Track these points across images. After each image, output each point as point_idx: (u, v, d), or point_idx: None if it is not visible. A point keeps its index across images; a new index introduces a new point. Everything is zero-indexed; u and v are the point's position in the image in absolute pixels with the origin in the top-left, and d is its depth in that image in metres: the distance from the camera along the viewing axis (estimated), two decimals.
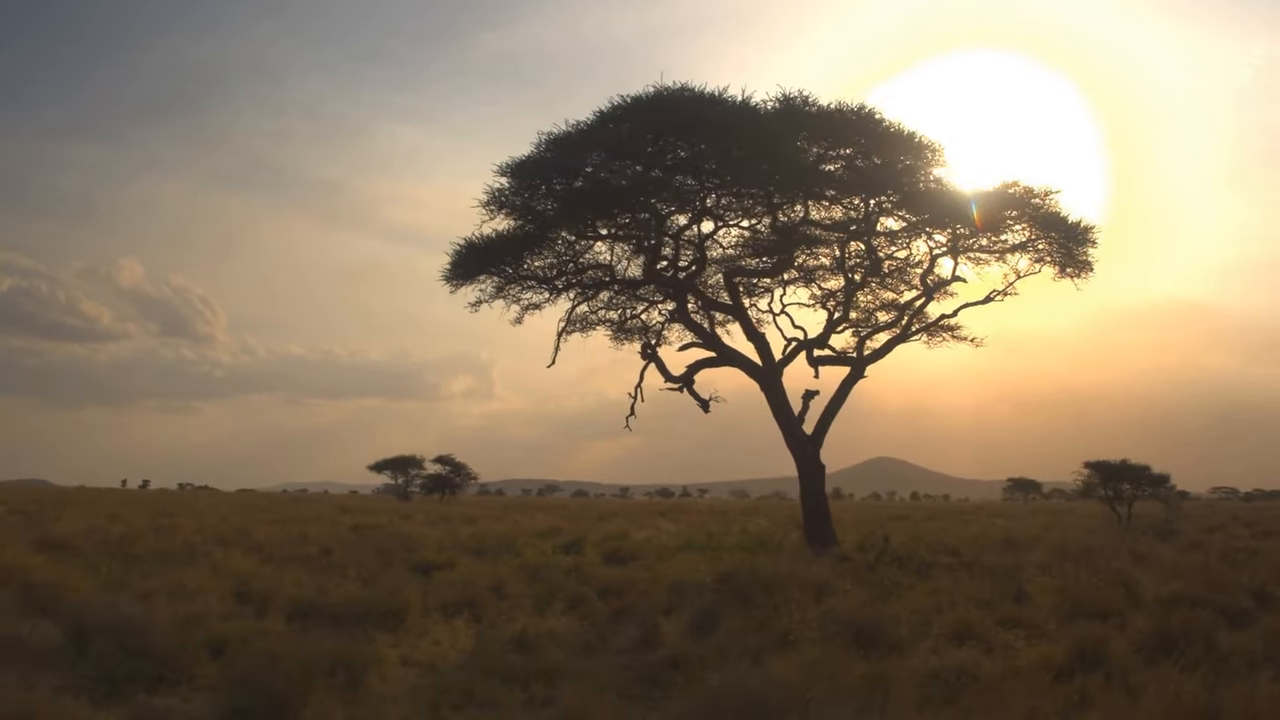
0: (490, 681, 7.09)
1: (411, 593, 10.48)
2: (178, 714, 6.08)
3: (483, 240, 19.66)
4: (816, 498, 18.54)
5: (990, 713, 6.00)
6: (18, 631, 7.19)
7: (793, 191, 17.74)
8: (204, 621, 8.30)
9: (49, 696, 5.81)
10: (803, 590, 11.82)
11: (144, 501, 43.56)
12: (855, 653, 8.22)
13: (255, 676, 6.45)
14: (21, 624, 7.66)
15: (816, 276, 20.38)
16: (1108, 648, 8.30)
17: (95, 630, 7.50)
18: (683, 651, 8.45)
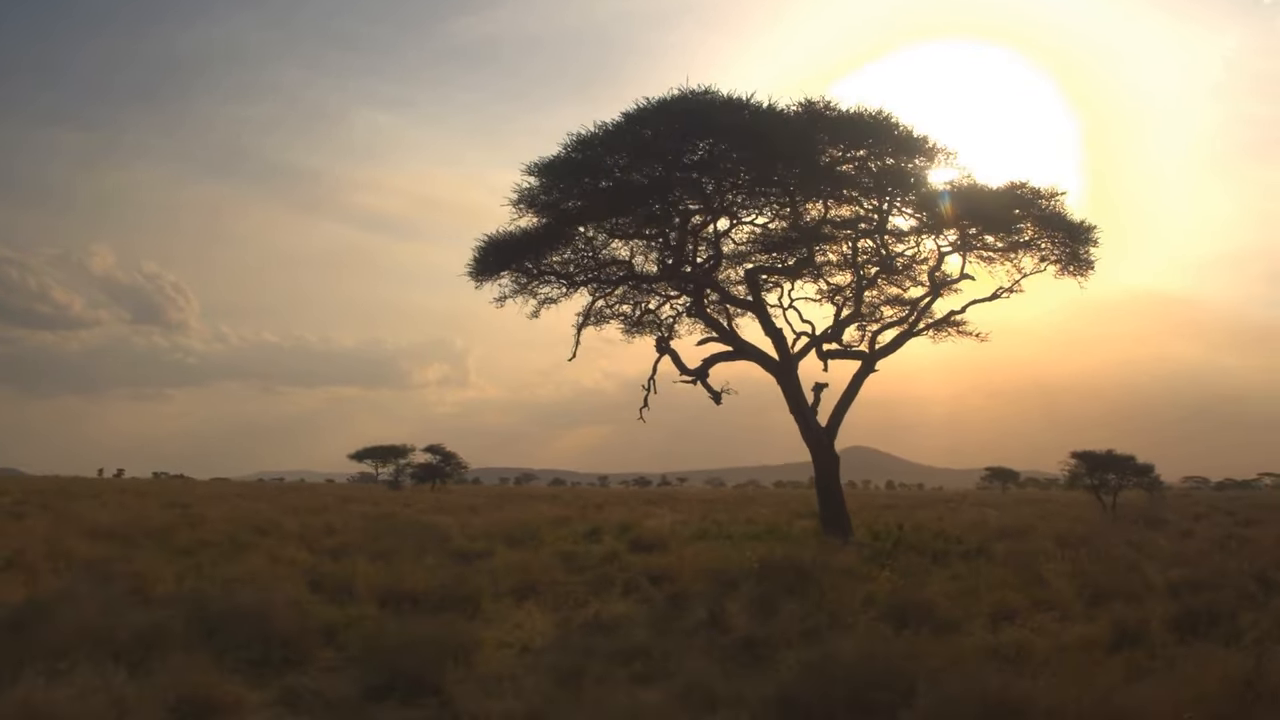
0: (593, 660, 7.69)
1: (480, 580, 11.05)
2: (328, 692, 6.62)
3: (504, 237, 20.21)
4: (831, 487, 19.27)
5: (1068, 682, 6.62)
6: (151, 620, 7.67)
7: (812, 191, 18.36)
8: (306, 609, 8.81)
9: (207, 679, 6.33)
10: (836, 576, 12.56)
11: (138, 491, 43.59)
12: (908, 632, 8.89)
13: (391, 656, 7.02)
14: (143, 613, 8.16)
15: (824, 272, 21.03)
16: (1144, 626, 9.06)
17: (218, 618, 8.03)
18: (751, 633, 9.09)
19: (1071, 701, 5.29)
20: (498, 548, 16.28)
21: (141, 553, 13.22)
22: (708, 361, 21.24)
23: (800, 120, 17.46)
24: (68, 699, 5.38)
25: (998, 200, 18.70)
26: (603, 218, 19.55)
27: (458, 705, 6.30)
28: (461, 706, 6.25)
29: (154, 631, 7.39)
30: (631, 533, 20.31)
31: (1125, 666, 7.44)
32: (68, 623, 7.32)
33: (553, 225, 19.91)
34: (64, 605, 8.02)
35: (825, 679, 6.49)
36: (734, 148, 17.73)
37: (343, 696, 6.58)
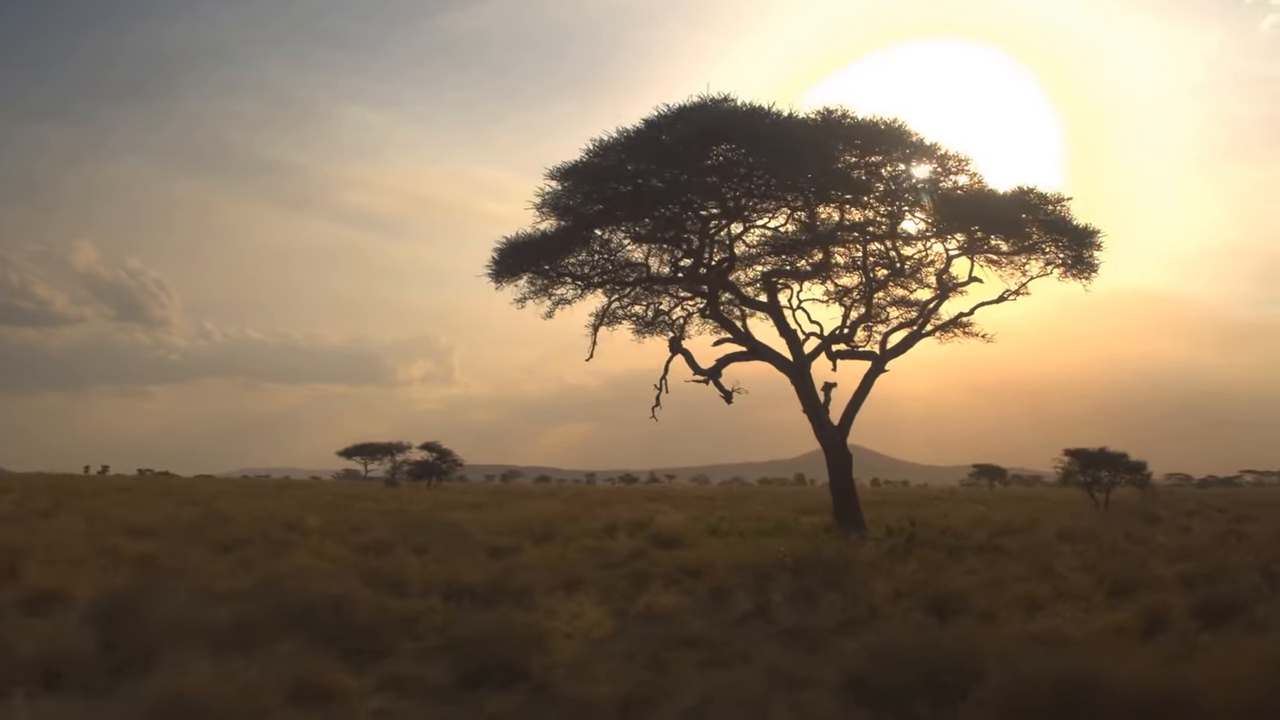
0: (664, 645, 8.14)
1: (530, 575, 11.47)
2: (430, 678, 7.03)
3: (523, 239, 20.65)
4: (845, 484, 19.79)
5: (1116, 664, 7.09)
6: (239, 613, 8.06)
7: (827, 196, 18.87)
8: (383, 602, 9.21)
9: (319, 667, 6.72)
10: (863, 570, 13.08)
11: (140, 489, 43.67)
12: (945, 621, 9.37)
13: (475, 645, 7.45)
14: (224, 607, 8.54)
15: (833, 273, 21.55)
16: (1169, 615, 9.58)
17: (300, 610, 8.41)
18: (798, 622, 9.55)
19: (1134, 678, 5.77)
20: (524, 544, 16.71)
21: (186, 549, 13.54)
22: (721, 362, 21.74)
23: (817, 128, 17.95)
24: (204, 686, 5.77)
25: (1006, 205, 19.25)
26: (622, 221, 19.99)
27: (553, 689, 6.73)
28: (558, 690, 6.68)
29: (245, 624, 7.77)
30: (648, 529, 20.75)
31: (1159, 652, 7.94)
32: (160, 616, 7.68)
33: (571, 228, 20.36)
34: (148, 600, 8.39)
35: (892, 662, 6.96)
36: (753, 154, 18.20)
37: (439, 683, 6.99)
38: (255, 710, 5.69)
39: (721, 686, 6.20)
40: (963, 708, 5.94)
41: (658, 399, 23.48)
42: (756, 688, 6.21)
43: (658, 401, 23.56)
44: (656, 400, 23.51)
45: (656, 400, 23.51)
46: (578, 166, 18.81)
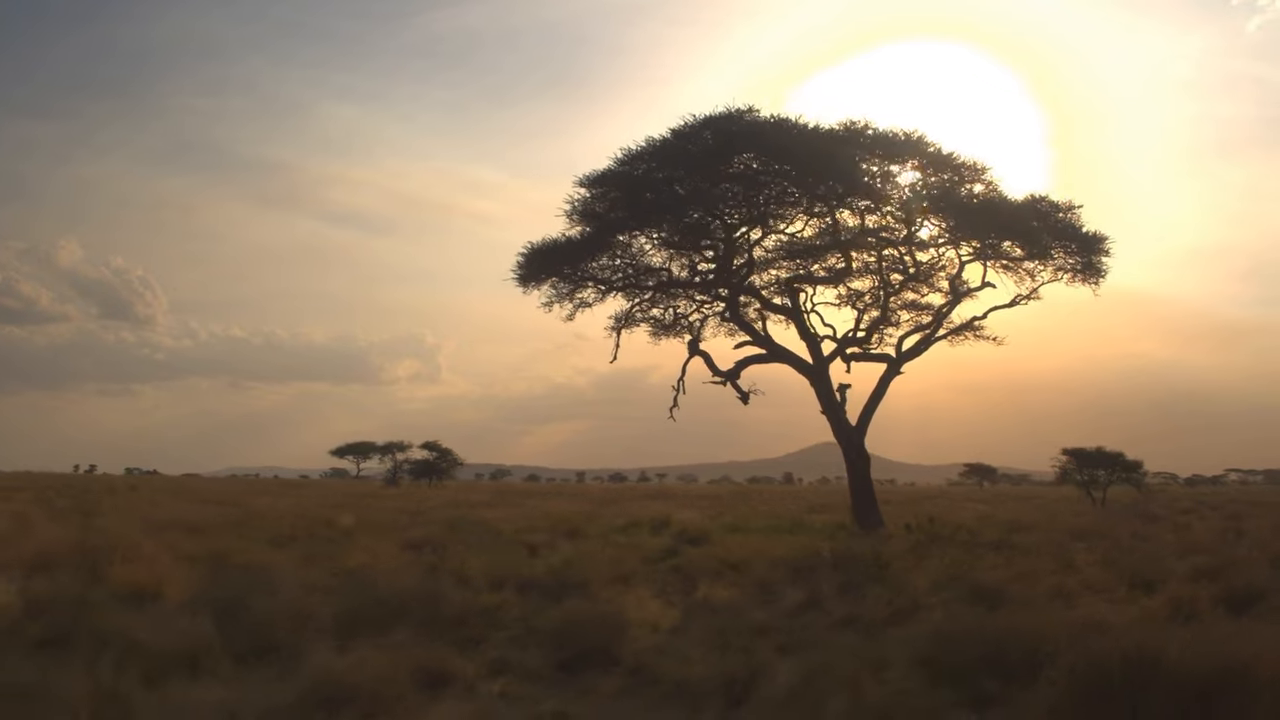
0: (730, 634, 8.71)
1: (588, 569, 12.03)
2: (528, 663, 7.57)
3: (549, 245, 21.22)
4: (864, 483, 20.42)
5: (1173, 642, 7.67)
6: (344, 604, 8.59)
7: (849, 204, 19.49)
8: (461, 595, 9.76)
9: (437, 653, 7.25)
10: (896, 564, 13.73)
11: (147, 488, 43.94)
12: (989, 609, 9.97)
13: (564, 632, 8.01)
14: (322, 599, 9.08)
15: (845, 278, 22.17)
16: (1196, 604, 10.21)
17: (395, 601, 8.95)
18: (850, 612, 10.14)
19: (1191, 654, 6.37)
20: (558, 541, 17.30)
21: (246, 546, 14.03)
22: (740, 364, 22.34)
23: (840, 138, 18.56)
24: (345, 669, 6.31)
25: (1018, 212, 19.92)
26: (647, 227, 20.56)
27: (649, 672, 7.28)
28: (654, 673, 7.23)
29: (349, 615, 8.31)
30: (670, 527, 21.36)
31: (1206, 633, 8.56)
32: (276, 608, 8.20)
33: (596, 234, 20.93)
34: (256, 593, 8.92)
35: (956, 645, 7.55)
36: (777, 163, 18.80)
37: (539, 668, 7.52)
38: (393, 693, 6.21)
39: (816, 666, 6.76)
40: (1036, 685, 6.53)
41: (675, 399, 24.07)
42: (846, 667, 6.78)
43: (675, 402, 24.15)
44: (674, 401, 24.10)
45: (674, 401, 24.10)
46: (606, 174, 19.39)
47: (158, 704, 5.90)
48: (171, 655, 6.87)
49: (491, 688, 6.84)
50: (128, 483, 53.94)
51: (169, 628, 7.41)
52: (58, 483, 51.16)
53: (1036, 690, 6.46)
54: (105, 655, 6.52)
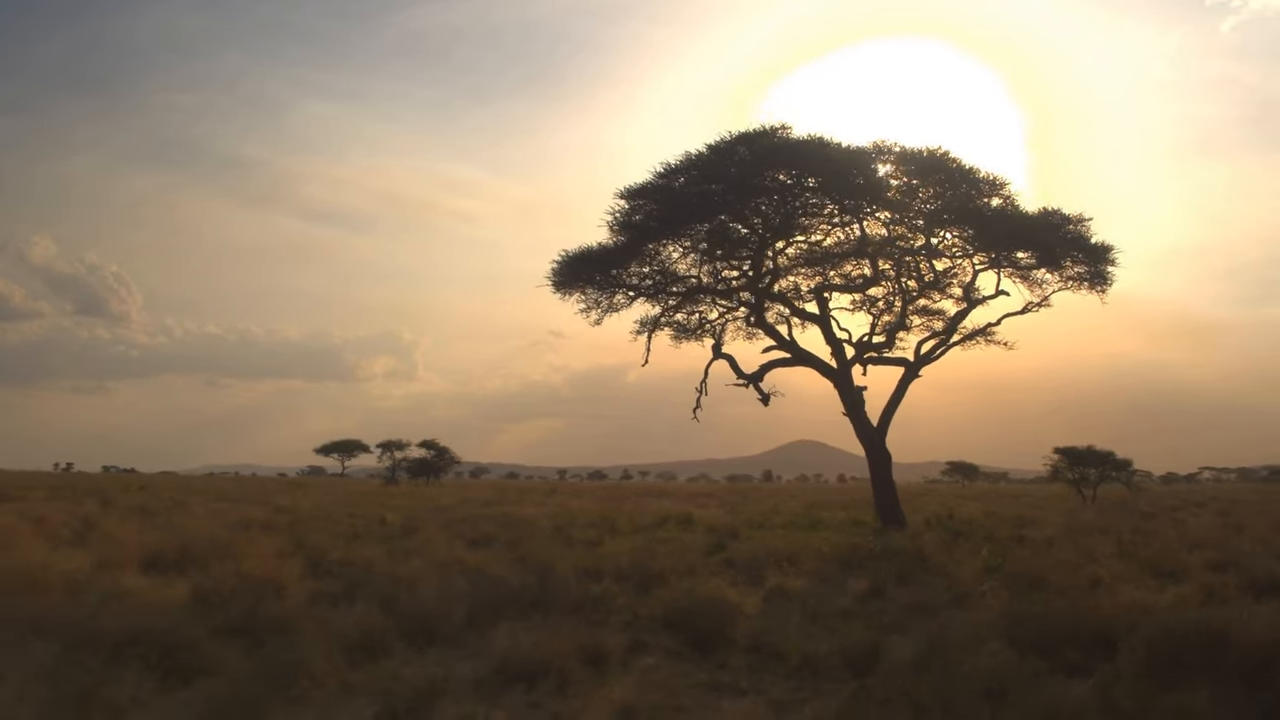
0: (822, 616, 9.68)
1: (657, 562, 12.96)
2: (661, 644, 8.48)
3: (583, 253, 22.16)
4: (886, 481, 21.47)
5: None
6: (484, 595, 9.48)
7: (876, 216, 20.56)
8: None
9: (593, 636, 8.15)
10: (937, 557, 14.79)
11: (154, 487, 44.33)
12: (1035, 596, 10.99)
13: (696, 615, 8.95)
14: (454, 589, 9.95)
15: (871, 285, 23.23)
16: (1225, 590, 11.30)
17: (519, 591, 9.85)
18: (914, 599, 11.14)
19: (1253, 628, 7.41)
20: (604, 537, 18.22)
21: (329, 543, 14.85)
22: (765, 367, 23.33)
23: (868, 155, 19.61)
24: (530, 646, 7.22)
25: (1032, 224, 21.02)
26: (681, 236, 21.52)
27: (770, 649, 8.23)
28: (775, 650, 8.17)
29: (491, 603, 9.20)
30: (697, 524, 22.37)
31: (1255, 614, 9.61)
32: (423, 599, 9.08)
33: (629, 243, 21.87)
34: (372, 585, 9.80)
35: (1032, 623, 8.56)
36: (810, 177, 19.82)
37: (672, 646, 8.44)
38: (568, 667, 7.10)
39: (931, 641, 7.74)
40: (1117, 655, 7.54)
41: (698, 400, 25.00)
42: (953, 642, 7.77)
43: (698, 403, 25.07)
44: (697, 402, 25.02)
45: (697, 402, 25.02)
46: (646, 187, 20.33)
47: (368, 679, 6.74)
48: (353, 639, 7.69)
49: (644, 663, 7.74)
50: (131, 482, 54.15)
51: (341, 616, 8.26)
52: (55, 482, 51.34)
53: (1119, 660, 7.47)
54: (295, 641, 7.35)
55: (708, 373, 24.61)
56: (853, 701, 6.33)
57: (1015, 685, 6.79)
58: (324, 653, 6.73)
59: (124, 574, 10.73)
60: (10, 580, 9.25)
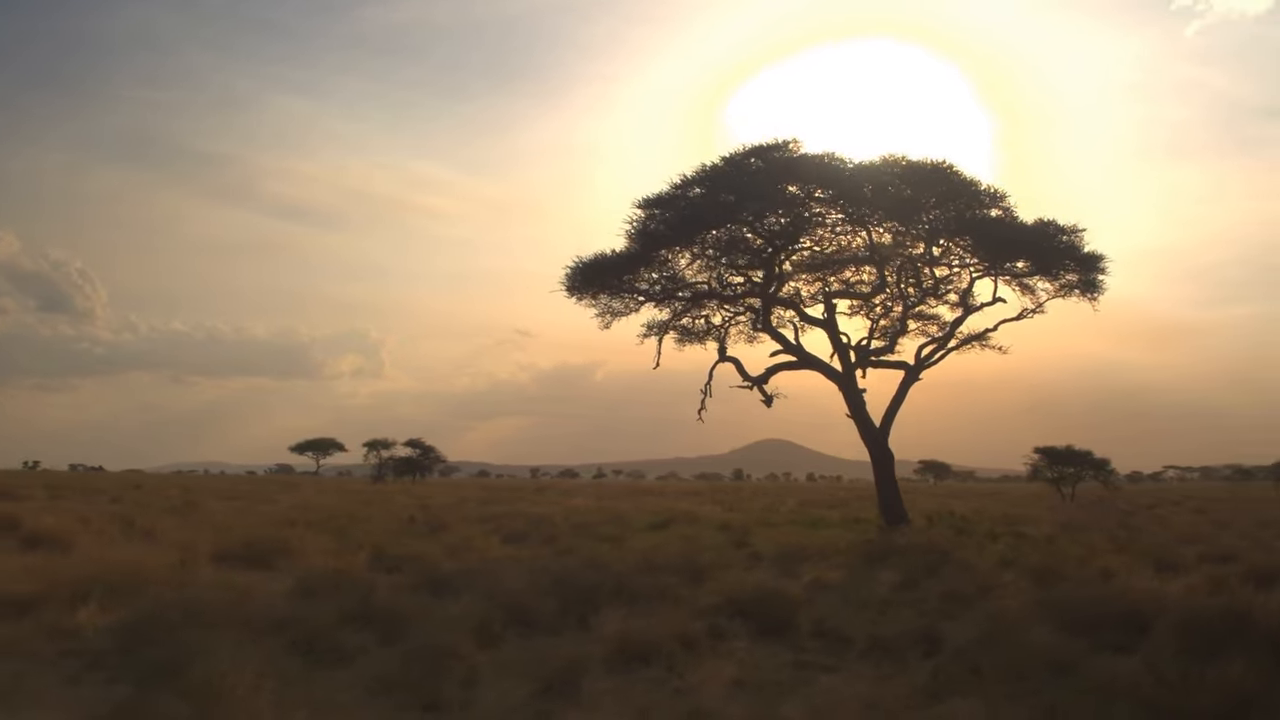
0: (870, 604, 10.50)
1: (704, 555, 13.74)
2: (736, 627, 9.23)
3: (596, 259, 22.92)
4: (889, 479, 22.40)
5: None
6: (576, 585, 10.20)
7: (883, 226, 21.48)
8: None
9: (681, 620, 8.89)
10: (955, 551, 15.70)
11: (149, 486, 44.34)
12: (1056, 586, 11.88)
13: (759, 602, 9.73)
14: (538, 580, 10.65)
15: (879, 293, 24.14)
16: (1228, 580, 12.26)
17: (607, 582, 10.56)
18: (946, 588, 11.98)
19: (1271, 608, 8.33)
20: (626, 534, 18.98)
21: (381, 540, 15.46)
22: (770, 370, 24.19)
23: (877, 169, 20.53)
24: (637, 630, 7.95)
25: (1029, 234, 22.03)
26: (693, 244, 22.32)
27: (836, 633, 9.02)
28: (841, 633, 8.97)
29: (577, 594, 9.91)
30: (705, 522, 23.21)
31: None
32: (511, 586, 9.78)
33: (640, 251, 22.64)
34: (476, 576, 10.48)
35: (1068, 608, 9.44)
36: (820, 188, 20.70)
37: (750, 632, 9.18)
38: (671, 649, 7.82)
39: (990, 621, 8.57)
40: (1152, 635, 8.41)
41: (703, 402, 25.80)
42: (1006, 624, 8.61)
43: (703, 405, 25.87)
44: (702, 403, 25.82)
45: (702, 403, 25.82)
46: (662, 198, 21.12)
47: (505, 659, 7.41)
48: (470, 626, 8.33)
49: (732, 645, 8.50)
50: (125, 481, 53.96)
51: (448, 606, 8.93)
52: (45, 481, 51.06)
53: (1154, 639, 8.35)
54: (419, 627, 8.01)
55: (712, 375, 25.45)
56: (937, 675, 7.12)
57: (1071, 661, 7.64)
58: (457, 637, 7.39)
59: (204, 569, 11.31)
60: (116, 575, 9.79)
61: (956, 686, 6.88)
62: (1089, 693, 6.67)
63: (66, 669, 6.65)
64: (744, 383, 24.66)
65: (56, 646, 7.22)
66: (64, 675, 6.50)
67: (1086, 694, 6.63)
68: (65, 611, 8.29)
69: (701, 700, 6.44)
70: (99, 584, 9.27)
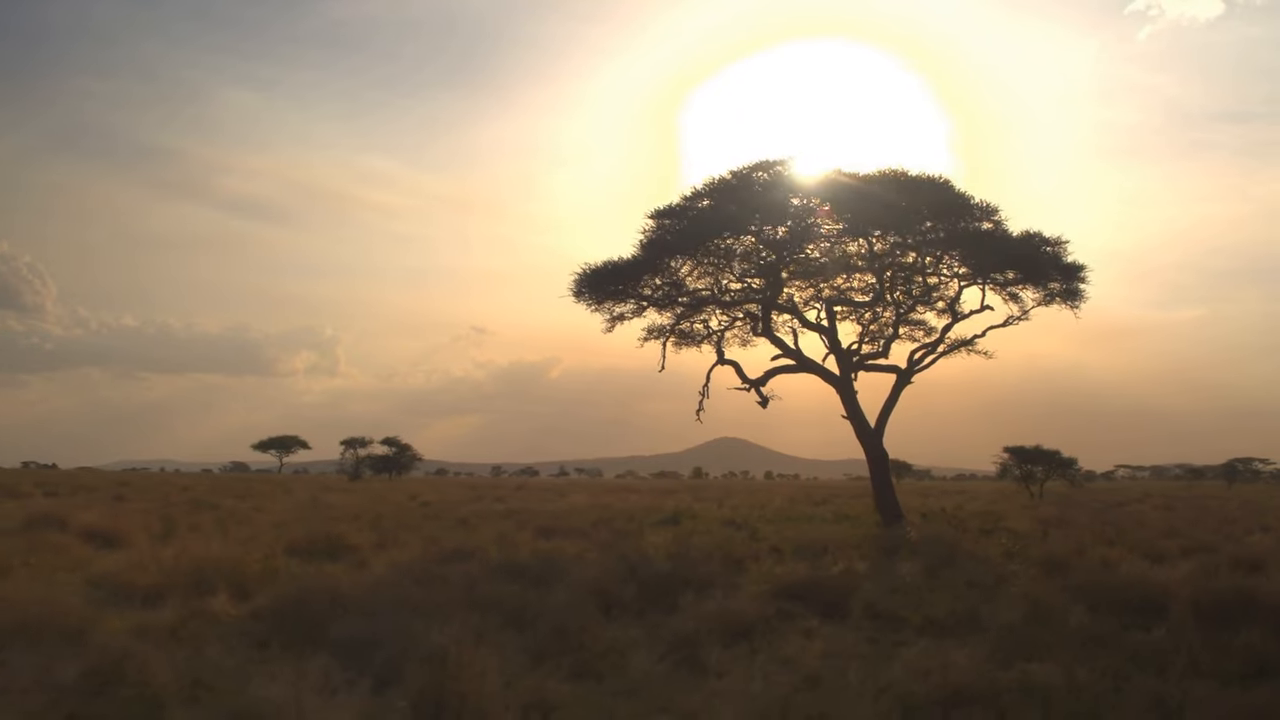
0: (905, 590, 11.56)
1: (738, 547, 14.74)
2: (796, 609, 10.24)
3: (603, 267, 23.90)
4: (884, 478, 23.61)
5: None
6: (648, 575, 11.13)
7: (881, 236, 22.70)
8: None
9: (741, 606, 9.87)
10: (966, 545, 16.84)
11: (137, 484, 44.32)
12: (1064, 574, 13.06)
13: (816, 586, 10.75)
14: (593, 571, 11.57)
15: (880, 301, 25.32)
16: (1218, 569, 13.53)
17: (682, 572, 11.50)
18: (968, 576, 13.10)
19: (1272, 588, 9.52)
20: (644, 529, 19.95)
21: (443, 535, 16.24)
22: (769, 373, 25.29)
23: (878, 182, 21.71)
24: (726, 611, 8.92)
25: (1017, 245, 23.34)
26: (699, 253, 23.36)
27: (887, 616, 10.04)
28: (892, 616, 10.00)
29: (654, 580, 10.85)
30: (706, 518, 24.29)
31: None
32: (592, 580, 10.68)
33: (646, 258, 23.64)
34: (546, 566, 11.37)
35: (1089, 592, 10.58)
36: (823, 201, 21.85)
37: (814, 612, 10.18)
38: (754, 629, 8.80)
39: (1017, 606, 9.66)
40: (1168, 614, 9.56)
41: (701, 404, 26.84)
42: (1043, 605, 9.71)
43: (701, 406, 26.90)
44: (700, 405, 26.85)
45: (700, 405, 26.85)
46: (672, 209, 22.18)
47: (622, 635, 8.32)
48: (586, 607, 9.19)
49: (805, 625, 9.49)
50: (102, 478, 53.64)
51: (543, 595, 9.83)
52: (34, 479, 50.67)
53: (1173, 617, 9.50)
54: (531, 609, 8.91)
55: (709, 377, 26.50)
56: (1000, 647, 8.16)
57: (1107, 636, 8.75)
58: (582, 616, 8.32)
59: (284, 562, 12.05)
60: (213, 571, 10.50)
61: (1021, 655, 7.91)
62: (1134, 659, 7.76)
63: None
64: (742, 385, 25.72)
65: (217, 631, 7.94)
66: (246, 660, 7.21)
67: (1132, 660, 7.72)
68: (195, 599, 9.05)
69: (808, 668, 7.41)
70: (206, 575, 10.02)
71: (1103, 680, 6.77)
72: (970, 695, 6.35)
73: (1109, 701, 6.39)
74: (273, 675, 6.07)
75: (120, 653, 6.17)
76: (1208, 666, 7.40)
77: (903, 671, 7.03)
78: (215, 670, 6.52)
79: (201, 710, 5.64)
